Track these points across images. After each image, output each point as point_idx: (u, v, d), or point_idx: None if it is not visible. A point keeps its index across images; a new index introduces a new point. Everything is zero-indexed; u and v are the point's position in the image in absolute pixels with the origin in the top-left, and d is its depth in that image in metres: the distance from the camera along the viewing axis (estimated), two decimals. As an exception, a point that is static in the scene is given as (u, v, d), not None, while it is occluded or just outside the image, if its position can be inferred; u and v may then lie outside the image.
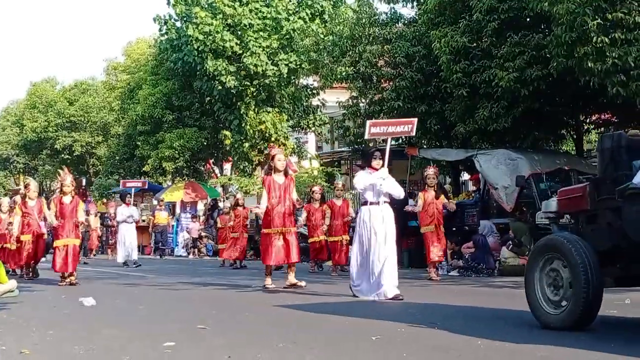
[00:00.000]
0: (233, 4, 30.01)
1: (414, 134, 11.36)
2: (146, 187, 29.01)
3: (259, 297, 11.09)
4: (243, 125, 31.20)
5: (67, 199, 13.87)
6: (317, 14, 30.63)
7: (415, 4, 19.80)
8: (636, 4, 13.03)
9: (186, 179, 35.38)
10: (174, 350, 5.85)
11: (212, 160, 37.22)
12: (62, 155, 47.58)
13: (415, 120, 11.06)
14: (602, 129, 20.21)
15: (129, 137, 38.24)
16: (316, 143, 38.90)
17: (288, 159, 33.45)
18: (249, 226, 21.28)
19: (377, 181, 10.00)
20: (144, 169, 34.70)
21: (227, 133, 31.88)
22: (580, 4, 12.92)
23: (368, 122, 10.56)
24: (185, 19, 31.91)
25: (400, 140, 20.88)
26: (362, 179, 10.21)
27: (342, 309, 8.66)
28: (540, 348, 5.68)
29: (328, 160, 32.52)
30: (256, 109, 31.12)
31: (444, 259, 15.16)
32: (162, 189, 35.23)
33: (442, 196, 14.23)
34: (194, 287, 13.10)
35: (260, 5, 30.23)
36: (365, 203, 10.28)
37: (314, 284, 12.85)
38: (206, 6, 30.49)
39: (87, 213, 19.67)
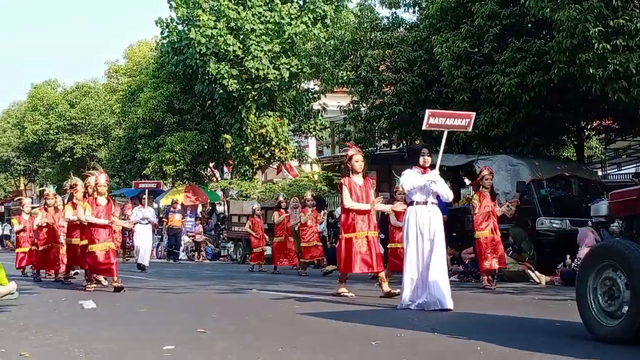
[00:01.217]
0: (237, 7, 30.08)
1: (470, 129, 10.64)
2: (160, 187, 28.59)
3: (260, 301, 11.10)
4: (244, 128, 31.25)
5: (102, 200, 12.83)
6: (319, 18, 30.70)
7: (417, 9, 19.84)
8: (637, 10, 13.07)
9: (187, 182, 35.39)
10: (174, 354, 5.85)
11: (213, 163, 37.24)
12: (63, 158, 47.64)
13: (473, 114, 10.38)
14: (603, 135, 20.24)
15: (129, 139, 38.26)
16: (317, 147, 38.95)
17: (288, 163, 33.78)
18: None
19: (428, 182, 9.39)
20: (144, 172, 34.70)
21: (228, 137, 31.91)
22: (582, 10, 12.94)
23: (427, 111, 9.82)
24: (187, 22, 31.98)
25: (401, 145, 20.91)
26: (411, 178, 9.54)
27: (341, 314, 8.66)
28: (536, 355, 5.68)
29: (329, 164, 32.53)
30: (257, 113, 31.17)
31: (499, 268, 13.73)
32: (163, 192, 35.23)
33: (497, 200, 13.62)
34: (194, 290, 13.11)
35: (264, 10, 30.30)
36: (411, 203, 9.60)
37: (308, 287, 12.86)
38: (209, 9, 30.54)
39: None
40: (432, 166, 9.76)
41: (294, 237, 18.72)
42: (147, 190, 22.99)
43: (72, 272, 15.25)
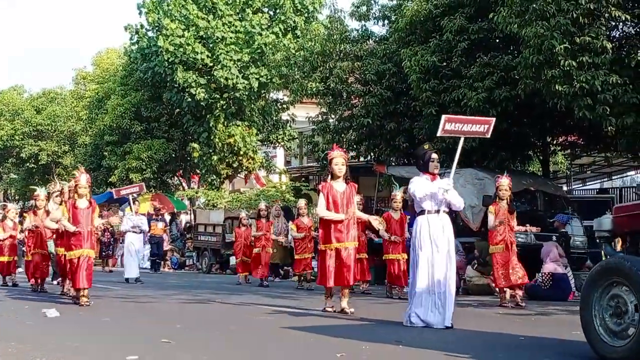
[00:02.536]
0: (206, 16, 30.04)
1: (489, 135, 9.79)
2: (144, 190, 26.63)
3: (225, 312, 11.05)
4: (212, 138, 31.17)
5: (82, 203, 11.57)
6: (290, 29, 30.75)
7: (386, 22, 19.95)
8: (604, 28, 13.25)
9: (153, 191, 35.18)
10: (138, 364, 5.82)
11: (181, 172, 37.08)
12: (28, 164, 47.13)
13: (493, 120, 9.82)
14: (569, 150, 20.46)
15: (96, 147, 37.96)
16: (285, 158, 38.92)
17: (255, 173, 33.73)
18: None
19: (439, 191, 8.83)
20: (110, 179, 34.44)
21: (196, 145, 31.81)
22: (549, 27, 13.10)
23: (443, 117, 9.32)
24: (157, 28, 31.85)
25: (369, 157, 20.98)
26: (421, 186, 8.93)
27: (307, 325, 8.64)
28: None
29: (297, 175, 32.55)
30: (225, 122, 31.11)
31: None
32: (128, 200, 34.91)
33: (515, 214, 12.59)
34: (159, 300, 13.02)
35: (234, 19, 30.28)
36: (422, 212, 8.99)
37: (284, 299, 12.84)
38: (179, 17, 30.44)
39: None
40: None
41: (277, 247, 18.45)
42: (134, 196, 21.17)
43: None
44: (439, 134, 9.41)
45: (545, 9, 13.17)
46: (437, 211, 8.91)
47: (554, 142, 19.68)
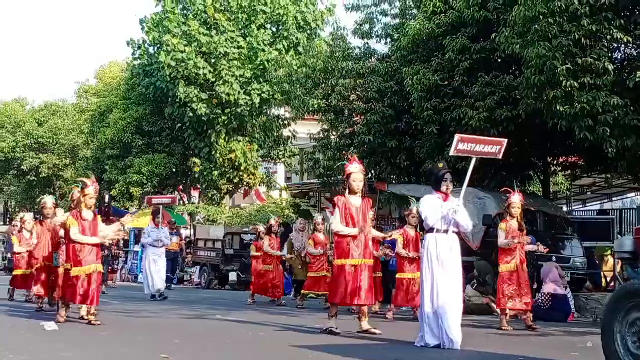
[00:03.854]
0: (209, 32, 30.15)
1: (500, 156, 9.62)
2: (176, 203, 26.13)
3: (224, 328, 11.02)
4: (213, 153, 31.23)
5: (88, 214, 10.93)
6: (292, 45, 30.86)
7: (389, 40, 20.01)
8: (605, 50, 13.28)
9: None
10: (136, 380, 5.80)
11: (181, 187, 37.10)
12: (29, 177, 47.19)
13: (505, 141, 9.64)
14: (569, 171, 20.44)
15: (97, 160, 38.05)
16: (285, 174, 38.96)
17: (256, 189, 33.72)
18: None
19: (449, 212, 8.72)
20: (111, 193, 34.47)
21: (197, 160, 31.87)
22: (551, 48, 13.14)
23: (457, 136, 9.13)
24: (158, 45, 31.97)
25: (370, 175, 20.97)
26: (431, 206, 8.85)
27: (306, 342, 8.62)
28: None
29: (297, 192, 32.54)
30: (227, 138, 31.19)
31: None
32: (127, 214, 34.88)
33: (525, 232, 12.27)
34: (158, 315, 12.99)
35: (237, 35, 30.38)
36: (431, 231, 8.87)
37: (273, 314, 12.81)
38: (180, 33, 30.56)
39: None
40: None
41: (300, 262, 17.47)
42: (161, 208, 20.28)
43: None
44: (451, 153, 9.25)
45: (548, 30, 13.20)
46: (446, 231, 8.79)
47: (555, 162, 19.69)
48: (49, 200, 14.16)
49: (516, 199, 12.17)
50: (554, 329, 11.55)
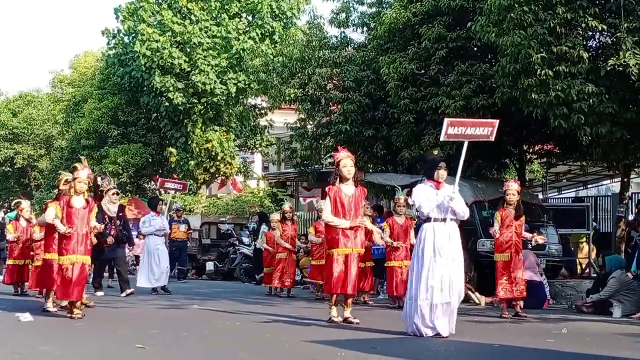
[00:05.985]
0: (183, 21, 30.00)
1: (493, 138, 9.32)
2: (186, 190, 25.31)
3: (201, 317, 11.01)
4: (189, 143, 31.12)
5: (78, 201, 10.18)
6: (268, 34, 30.78)
7: (365, 29, 19.98)
8: (580, 38, 13.35)
9: (129, 195, 35.02)
10: (112, 370, 5.78)
11: (157, 177, 36.93)
12: (3, 168, 46.78)
13: (497, 122, 9.33)
14: (545, 159, 20.56)
15: (72, 151, 37.72)
16: (262, 163, 38.90)
17: (233, 179, 33.64)
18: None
19: (445, 199, 8.58)
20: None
21: (173, 150, 31.75)
22: (526, 36, 13.18)
23: (446, 120, 8.93)
24: (133, 34, 31.77)
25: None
26: (424, 194, 8.72)
27: (282, 330, 8.63)
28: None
29: (274, 181, 32.53)
30: (203, 127, 31.08)
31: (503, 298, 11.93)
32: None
33: (523, 219, 11.97)
34: (135, 305, 12.93)
35: (210, 24, 30.25)
36: (427, 219, 8.70)
37: (248, 304, 12.81)
38: (155, 23, 30.38)
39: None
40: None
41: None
42: (172, 193, 19.36)
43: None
44: (442, 138, 9.08)
45: (523, 18, 13.24)
46: (444, 219, 8.64)
47: (530, 150, 19.77)
48: (25, 204, 14.82)
49: (512, 185, 12.01)
50: (529, 315, 11.63)
